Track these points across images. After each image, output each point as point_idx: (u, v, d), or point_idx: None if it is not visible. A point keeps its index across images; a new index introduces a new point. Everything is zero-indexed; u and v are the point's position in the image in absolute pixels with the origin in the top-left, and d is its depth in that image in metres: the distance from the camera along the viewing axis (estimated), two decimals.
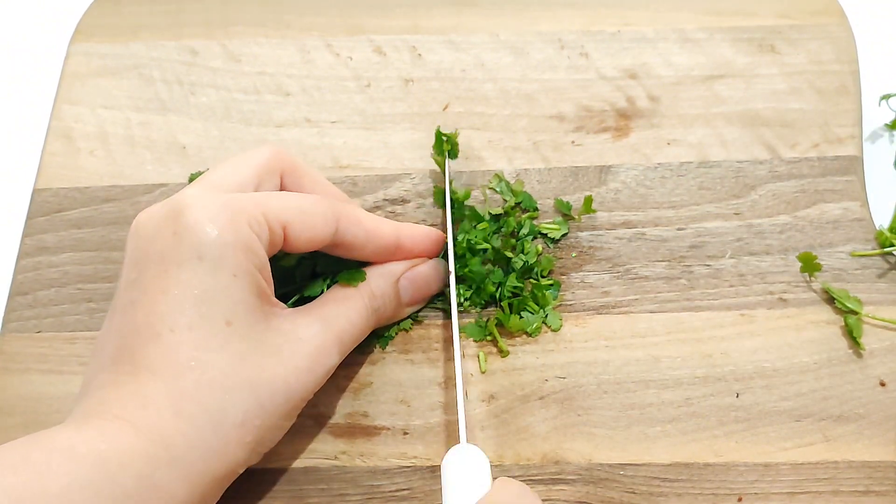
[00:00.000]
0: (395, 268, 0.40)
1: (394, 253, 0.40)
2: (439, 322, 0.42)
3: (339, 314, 0.37)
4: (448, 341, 0.41)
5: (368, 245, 0.39)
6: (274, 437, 0.36)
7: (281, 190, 0.39)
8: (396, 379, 0.41)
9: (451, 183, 0.45)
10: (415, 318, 0.42)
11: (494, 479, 0.33)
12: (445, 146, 0.44)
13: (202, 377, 0.32)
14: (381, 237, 0.39)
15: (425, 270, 0.41)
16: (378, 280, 0.39)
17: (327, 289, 0.39)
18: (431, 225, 0.44)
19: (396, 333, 0.42)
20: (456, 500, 0.32)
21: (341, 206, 0.38)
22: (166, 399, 0.32)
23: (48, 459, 0.29)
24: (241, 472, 0.35)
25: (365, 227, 0.38)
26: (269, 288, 0.35)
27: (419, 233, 0.41)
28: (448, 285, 0.41)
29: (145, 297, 0.33)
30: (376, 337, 0.41)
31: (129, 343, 0.33)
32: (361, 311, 0.38)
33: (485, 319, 0.42)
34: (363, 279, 0.39)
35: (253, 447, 0.34)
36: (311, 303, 0.38)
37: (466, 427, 0.37)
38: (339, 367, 0.41)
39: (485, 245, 0.43)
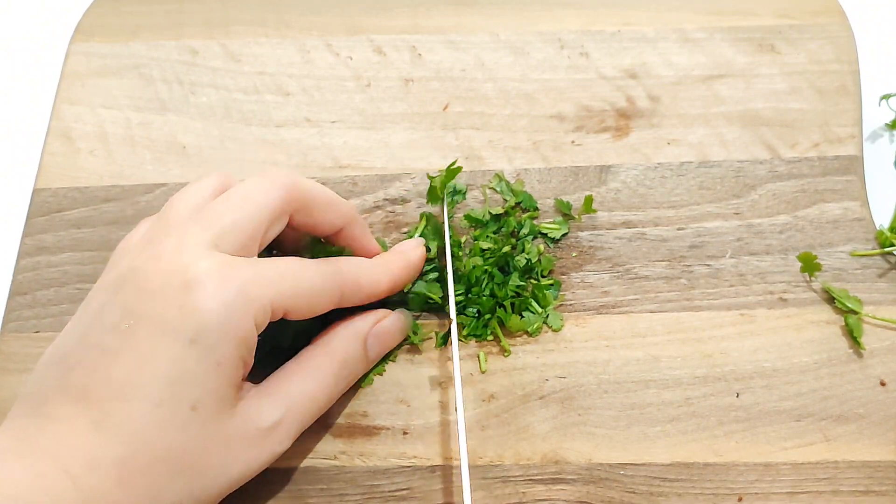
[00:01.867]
0: (361, 327, 0.39)
1: (387, 296, 0.40)
2: (438, 322, 0.42)
3: (304, 391, 0.36)
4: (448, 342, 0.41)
5: (364, 303, 0.39)
6: None
7: (290, 223, 0.37)
8: (396, 379, 0.41)
9: (449, 219, 0.44)
10: (414, 319, 0.42)
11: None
12: (439, 190, 0.43)
13: (154, 454, 0.32)
14: (378, 293, 0.39)
15: (390, 325, 0.40)
16: (347, 344, 0.38)
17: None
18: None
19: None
20: None
21: (345, 277, 0.37)
22: (114, 465, 0.31)
23: None
24: None
25: (365, 291, 0.38)
26: (247, 370, 0.35)
27: (411, 271, 0.41)
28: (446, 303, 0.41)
29: (131, 356, 0.32)
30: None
31: (98, 391, 0.32)
32: (330, 382, 0.37)
33: (486, 318, 0.42)
34: None
35: None
36: (279, 373, 0.36)
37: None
38: None
39: (486, 245, 0.43)
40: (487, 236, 0.44)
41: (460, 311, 0.42)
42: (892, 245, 0.43)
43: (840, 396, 0.40)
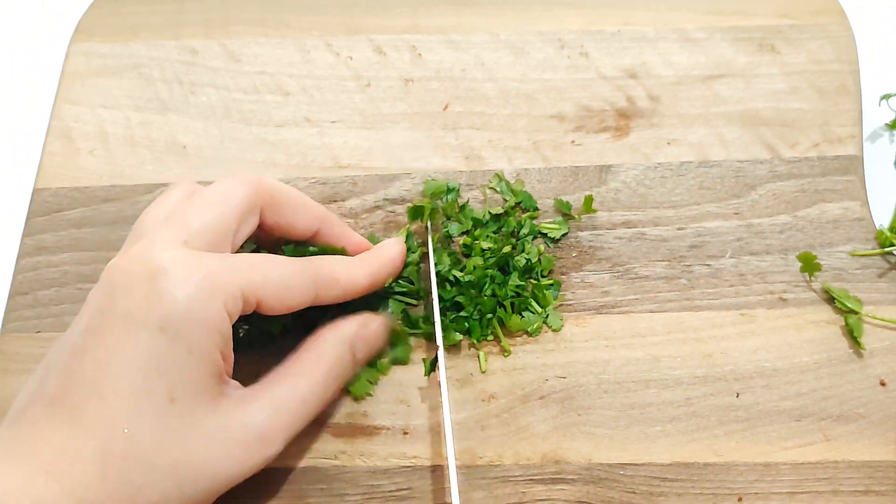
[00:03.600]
0: (348, 330, 0.39)
1: (366, 293, 0.40)
2: (427, 346, 0.42)
3: (292, 396, 0.36)
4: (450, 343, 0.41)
5: (344, 299, 0.39)
6: None
7: (262, 223, 0.38)
8: (396, 379, 0.41)
9: (434, 239, 0.44)
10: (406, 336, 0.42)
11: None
12: (425, 218, 0.43)
13: (132, 448, 0.32)
14: (356, 290, 0.39)
15: (377, 328, 0.40)
16: (335, 347, 0.38)
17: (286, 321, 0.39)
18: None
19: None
20: None
21: (320, 272, 0.37)
22: (94, 461, 0.31)
23: None
24: None
25: (342, 286, 0.38)
26: (228, 365, 0.35)
27: (390, 267, 0.41)
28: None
29: (100, 351, 0.32)
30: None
31: (72, 391, 0.32)
32: (319, 387, 0.37)
33: (487, 318, 0.42)
34: (289, 320, 0.38)
35: None
36: (269, 377, 0.37)
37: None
38: None
39: (486, 245, 0.43)
40: (487, 236, 0.44)
41: (459, 311, 0.42)
42: (892, 245, 0.43)
43: (840, 396, 0.40)
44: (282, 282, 0.35)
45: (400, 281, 0.42)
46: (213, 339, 0.33)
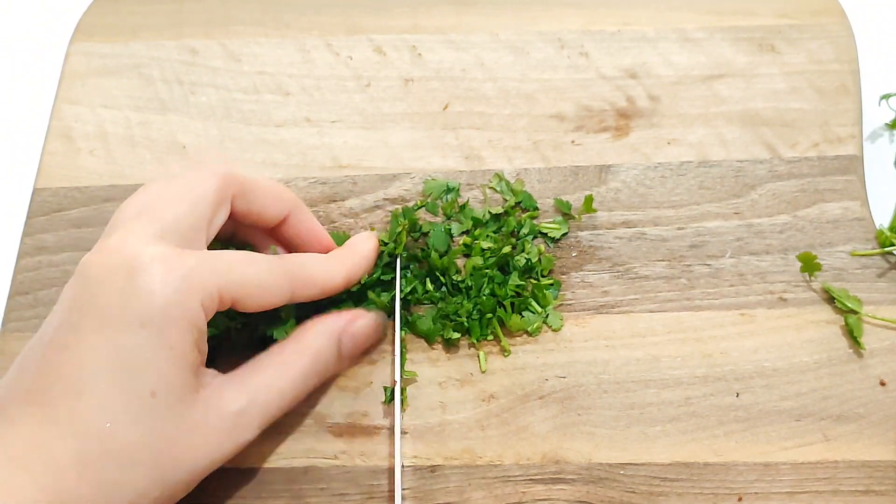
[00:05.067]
0: (336, 324, 0.39)
1: (343, 290, 0.40)
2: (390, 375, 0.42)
3: (271, 384, 0.36)
4: (450, 343, 0.41)
5: (321, 297, 0.39)
6: None
7: (233, 211, 0.38)
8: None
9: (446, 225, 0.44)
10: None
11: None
12: (400, 248, 0.43)
13: (112, 445, 0.32)
14: (332, 287, 0.39)
15: (366, 324, 0.40)
16: (321, 340, 0.38)
17: (291, 329, 0.39)
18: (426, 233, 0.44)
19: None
20: None
21: (296, 271, 0.37)
22: (72, 459, 0.31)
23: None
24: None
25: (318, 285, 0.38)
26: (203, 357, 0.35)
27: (364, 262, 0.41)
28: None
29: (77, 348, 0.32)
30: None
31: (49, 389, 0.32)
32: (298, 377, 0.37)
33: (487, 318, 0.42)
34: (293, 328, 0.39)
35: None
36: (249, 365, 0.37)
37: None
38: None
39: (486, 244, 0.43)
40: (487, 236, 0.44)
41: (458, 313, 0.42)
42: (892, 245, 0.43)
43: (840, 396, 0.40)
44: (258, 281, 0.35)
45: (374, 276, 0.42)
46: (190, 335, 0.33)
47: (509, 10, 0.51)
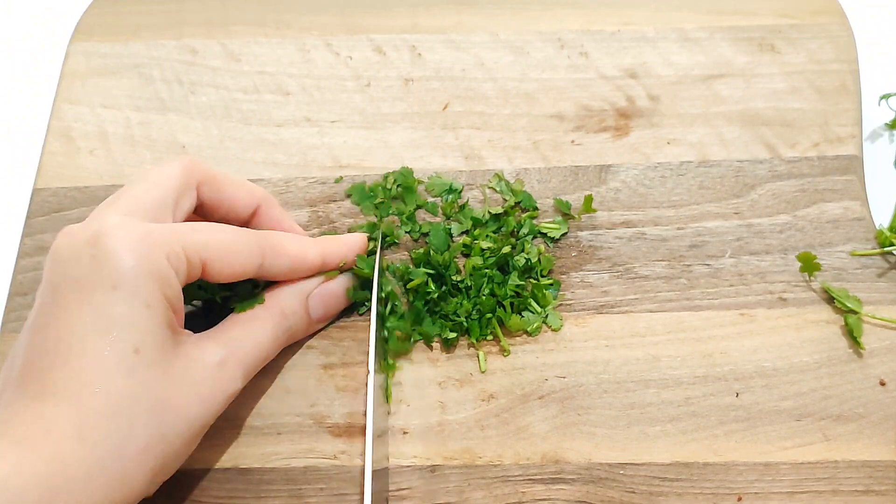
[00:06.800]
0: (306, 286, 0.40)
1: (318, 270, 0.41)
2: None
3: (245, 337, 0.38)
4: (449, 343, 0.41)
5: (294, 272, 0.40)
6: (174, 465, 0.35)
7: (200, 201, 0.39)
8: (396, 379, 0.41)
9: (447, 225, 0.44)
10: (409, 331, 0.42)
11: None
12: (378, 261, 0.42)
13: (106, 403, 0.32)
14: (306, 263, 0.40)
15: (335, 287, 0.41)
16: (289, 299, 0.40)
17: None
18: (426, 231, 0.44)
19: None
20: None
21: (266, 239, 0.38)
22: (70, 424, 0.31)
23: None
24: None
25: (290, 256, 0.39)
26: (180, 317, 0.36)
27: (344, 248, 0.42)
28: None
29: (58, 320, 0.33)
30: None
31: (37, 364, 0.33)
32: (269, 332, 0.39)
33: (487, 318, 0.42)
34: (261, 302, 0.39)
35: (152, 476, 0.34)
36: (221, 324, 0.38)
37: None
38: (338, 366, 0.41)
39: (486, 244, 0.43)
40: (487, 236, 0.44)
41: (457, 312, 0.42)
42: (892, 245, 0.43)
43: (840, 396, 0.40)
44: (225, 244, 0.36)
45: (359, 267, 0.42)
46: (164, 291, 0.34)
47: (509, 10, 0.51)
